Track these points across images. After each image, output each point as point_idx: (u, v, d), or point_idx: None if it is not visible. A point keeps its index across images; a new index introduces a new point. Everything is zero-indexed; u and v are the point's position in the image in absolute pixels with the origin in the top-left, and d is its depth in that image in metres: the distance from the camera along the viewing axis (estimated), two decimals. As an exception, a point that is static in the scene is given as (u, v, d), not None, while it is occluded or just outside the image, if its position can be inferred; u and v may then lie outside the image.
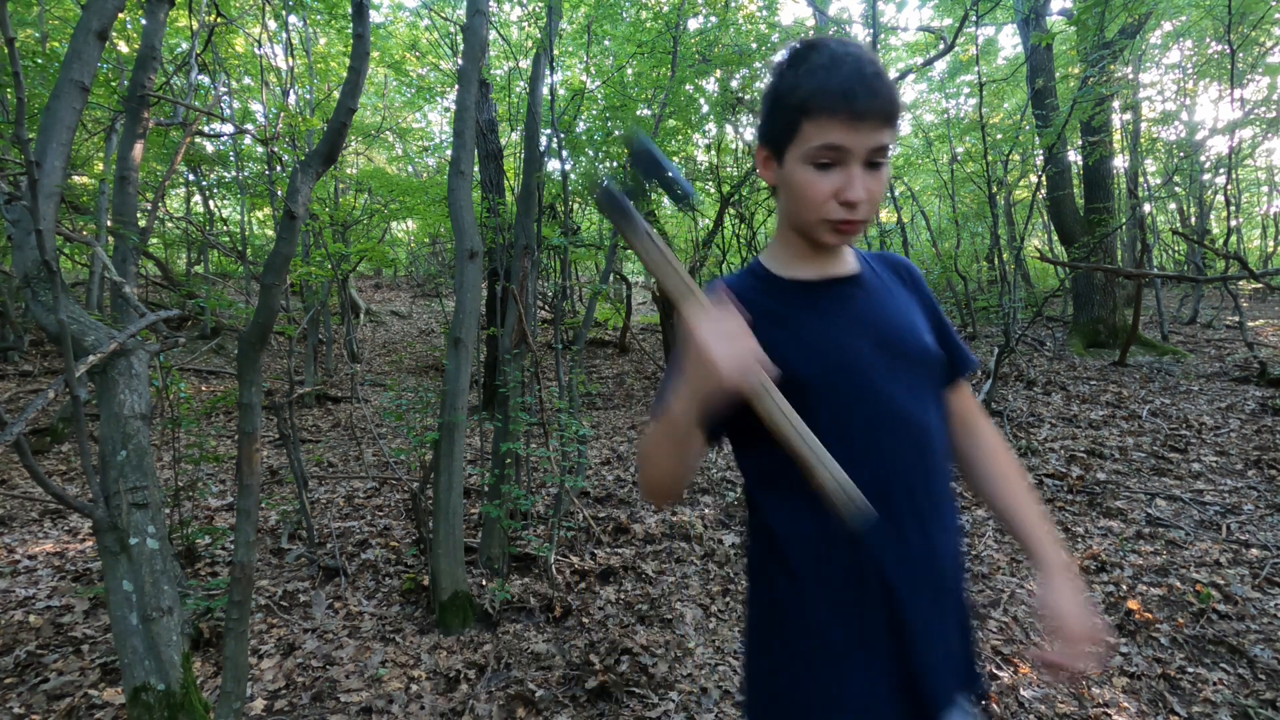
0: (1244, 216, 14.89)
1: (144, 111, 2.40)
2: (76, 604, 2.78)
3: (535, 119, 3.84)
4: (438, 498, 2.68)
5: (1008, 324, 6.04)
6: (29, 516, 4.01)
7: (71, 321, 1.73)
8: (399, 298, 14.53)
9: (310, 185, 1.62)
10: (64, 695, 2.18)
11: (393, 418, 4.59)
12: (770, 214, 8.85)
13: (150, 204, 4.33)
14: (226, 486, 4.57)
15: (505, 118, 7.51)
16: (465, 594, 2.67)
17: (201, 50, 5.17)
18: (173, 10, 4.75)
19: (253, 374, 1.66)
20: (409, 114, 12.70)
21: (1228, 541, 3.20)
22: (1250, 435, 4.48)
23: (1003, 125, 10.92)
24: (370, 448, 5.56)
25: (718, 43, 7.00)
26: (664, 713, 2.15)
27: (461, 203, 2.76)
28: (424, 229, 12.59)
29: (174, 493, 3.24)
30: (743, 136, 8.70)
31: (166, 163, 7.04)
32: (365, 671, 2.35)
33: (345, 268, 7.97)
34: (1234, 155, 9.43)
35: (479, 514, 3.60)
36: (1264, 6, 6.52)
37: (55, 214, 1.81)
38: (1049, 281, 13.26)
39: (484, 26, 3.14)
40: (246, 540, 1.64)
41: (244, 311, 5.60)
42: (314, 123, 6.74)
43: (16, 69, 1.38)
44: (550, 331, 10.87)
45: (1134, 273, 3.32)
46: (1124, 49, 6.11)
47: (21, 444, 1.57)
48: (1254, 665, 2.33)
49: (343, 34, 8.02)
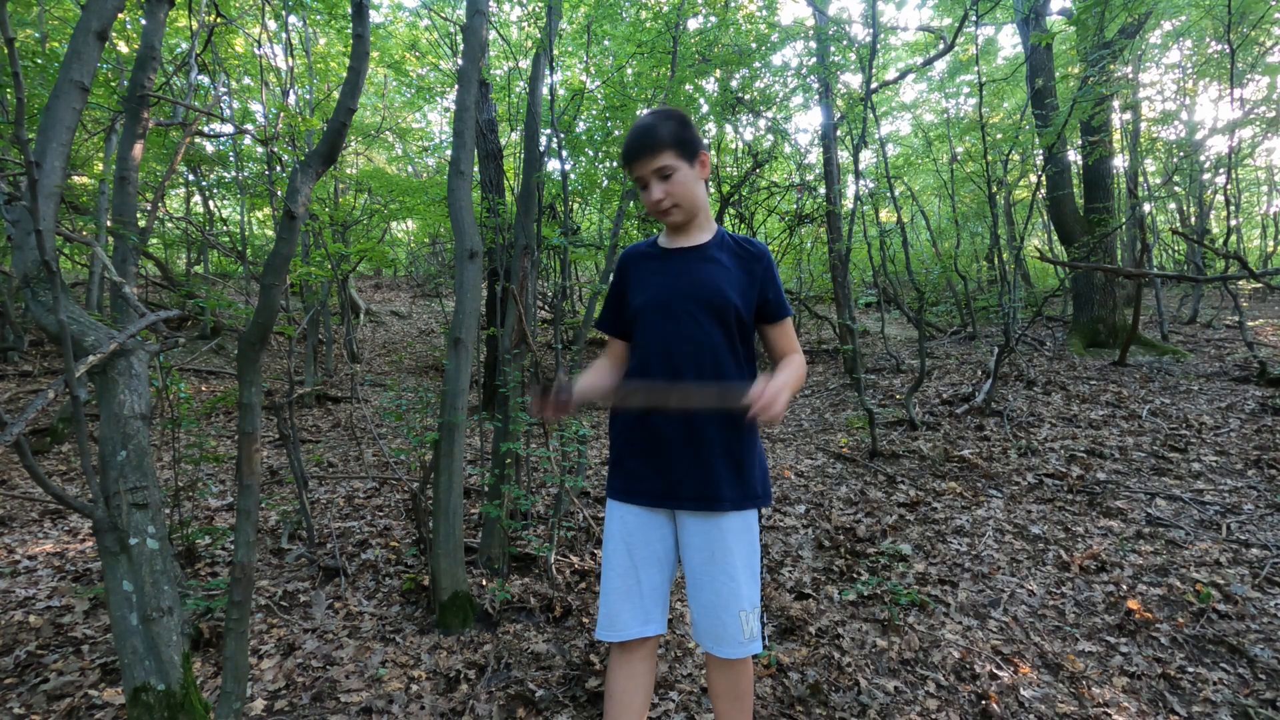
0: (1244, 216, 14.89)
1: (144, 111, 2.40)
2: (76, 604, 2.78)
3: (535, 119, 3.83)
4: (438, 498, 2.68)
5: (1008, 324, 6.04)
6: (29, 516, 4.01)
7: (71, 321, 1.73)
8: (399, 298, 14.53)
9: (310, 185, 1.62)
10: (64, 695, 2.18)
11: (393, 418, 4.59)
12: (770, 214, 8.86)
13: (150, 204, 4.33)
14: (226, 486, 4.57)
15: (505, 118, 7.52)
16: (465, 594, 2.67)
17: (201, 50, 5.17)
18: (173, 10, 4.76)
19: (253, 374, 1.66)
20: (409, 114, 12.70)
21: (1228, 541, 3.20)
22: (1250, 435, 4.48)
23: (1003, 125, 10.93)
24: (370, 448, 5.56)
25: (718, 43, 7.00)
26: (664, 713, 2.15)
27: (461, 203, 2.76)
28: (424, 229, 12.59)
29: (174, 493, 3.24)
30: (742, 136, 8.70)
31: (166, 163, 7.04)
32: (365, 671, 2.35)
33: (345, 268, 7.97)
34: (1234, 155, 9.44)
35: (479, 514, 3.60)
36: (1264, 6, 6.52)
37: (55, 214, 1.81)
38: (1049, 281, 13.27)
39: (484, 26, 3.14)
40: (246, 540, 1.64)
41: (244, 311, 5.60)
42: (314, 123, 6.74)
43: (16, 69, 1.38)
44: (550, 331, 10.86)
45: (1134, 273, 3.32)
46: (1124, 49, 6.11)
47: (21, 444, 1.57)
48: (1254, 665, 2.33)
49: (343, 34, 8.02)
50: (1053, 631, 2.60)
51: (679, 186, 1.46)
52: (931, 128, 12.73)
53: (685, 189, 1.47)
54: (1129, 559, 3.08)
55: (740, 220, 8.56)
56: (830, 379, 7.88)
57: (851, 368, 6.68)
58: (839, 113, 7.98)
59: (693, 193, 1.49)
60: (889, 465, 4.56)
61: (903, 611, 2.74)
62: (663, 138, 1.43)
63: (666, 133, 1.43)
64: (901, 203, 11.43)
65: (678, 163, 1.44)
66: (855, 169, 5.43)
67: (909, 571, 3.09)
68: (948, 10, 9.24)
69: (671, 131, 1.44)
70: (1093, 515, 3.59)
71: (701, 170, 1.51)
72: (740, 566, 1.50)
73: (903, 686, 2.27)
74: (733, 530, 1.50)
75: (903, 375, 7.35)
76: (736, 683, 1.59)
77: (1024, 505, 3.77)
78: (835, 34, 7.09)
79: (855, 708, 2.16)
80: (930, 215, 13.51)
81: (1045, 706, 2.14)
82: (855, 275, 12.73)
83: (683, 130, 1.45)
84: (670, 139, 1.43)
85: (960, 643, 2.51)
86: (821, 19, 7.37)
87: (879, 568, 3.17)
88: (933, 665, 2.39)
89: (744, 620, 1.51)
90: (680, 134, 1.44)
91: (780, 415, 1.33)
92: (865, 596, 2.87)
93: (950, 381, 6.47)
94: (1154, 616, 2.63)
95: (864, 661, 2.42)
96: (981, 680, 2.28)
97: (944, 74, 11.08)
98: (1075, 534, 3.38)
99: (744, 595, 1.50)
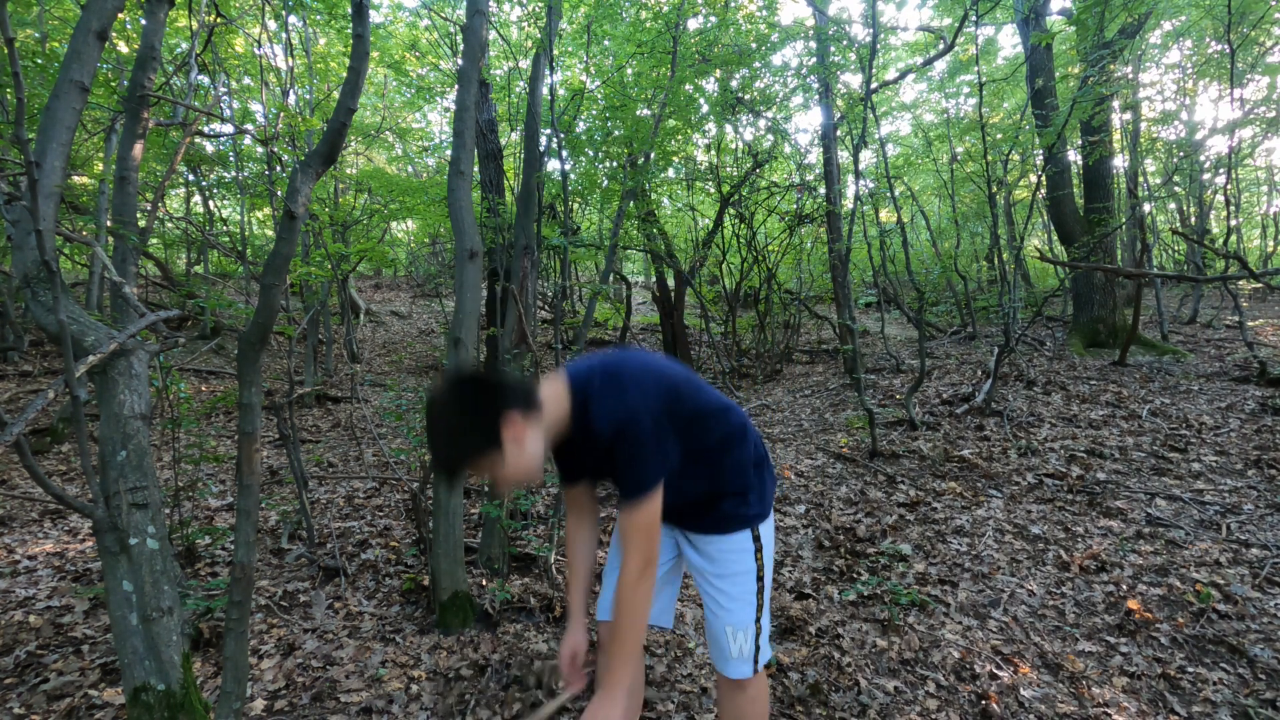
0: (1244, 216, 14.89)
1: (144, 111, 2.40)
2: (76, 604, 2.78)
3: (535, 119, 3.83)
4: (437, 498, 2.68)
5: (1008, 324, 6.04)
6: (29, 516, 4.01)
7: (71, 321, 1.73)
8: (399, 298, 14.53)
9: (310, 185, 1.62)
10: (64, 695, 2.18)
11: (393, 418, 4.59)
12: (770, 214, 8.86)
13: (150, 204, 4.33)
14: (226, 486, 4.57)
15: (505, 118, 7.52)
16: (465, 594, 2.67)
17: (201, 50, 5.17)
18: (173, 10, 4.76)
19: (253, 374, 1.66)
20: (409, 114, 12.70)
21: (1228, 541, 3.20)
22: (1250, 435, 4.48)
23: (1003, 125, 10.92)
24: (370, 448, 5.56)
25: (718, 43, 7.00)
26: (664, 713, 2.15)
27: (461, 203, 2.76)
28: (424, 229, 12.60)
29: (174, 493, 3.24)
30: (742, 136, 8.70)
31: (166, 163, 7.04)
32: (365, 671, 2.35)
33: (345, 268, 7.97)
34: (1234, 155, 9.44)
35: (479, 514, 3.60)
36: (1264, 6, 6.52)
37: (55, 214, 1.81)
38: (1049, 281, 13.27)
39: (484, 26, 3.14)
40: (246, 540, 1.64)
41: (244, 311, 5.60)
42: (314, 123, 6.74)
43: (16, 69, 1.38)
44: (550, 331, 10.87)
45: (1134, 273, 3.32)
46: (1124, 49, 6.11)
47: (21, 444, 1.57)
48: (1254, 665, 2.33)
49: (343, 34, 8.02)
50: (1053, 631, 2.60)
51: (509, 469, 1.26)
52: (931, 128, 12.72)
53: (515, 464, 1.26)
54: (1129, 559, 3.08)
55: (740, 220, 8.55)
56: (830, 379, 7.89)
57: (851, 368, 6.68)
58: (839, 113, 7.98)
59: (523, 460, 1.27)
60: (889, 465, 4.56)
61: (903, 611, 2.74)
62: (458, 461, 1.26)
63: (459, 455, 1.25)
64: (901, 203, 11.43)
65: (488, 459, 1.24)
66: (855, 169, 5.43)
67: (909, 571, 3.09)
68: (948, 10, 9.24)
69: (462, 451, 1.24)
70: (1093, 515, 3.59)
71: (516, 430, 1.25)
72: (728, 584, 1.55)
73: (903, 686, 2.27)
74: (724, 549, 1.55)
75: (903, 375, 7.35)
76: (737, 706, 1.59)
77: (1024, 505, 3.77)
78: (835, 34, 7.09)
79: (855, 708, 2.16)
80: (930, 215, 13.51)
81: (1045, 706, 2.14)
82: (855, 275, 12.74)
83: (468, 437, 1.23)
84: (466, 456, 1.25)
85: (960, 643, 2.51)
86: (821, 19, 7.37)
87: (879, 568, 3.17)
88: (933, 665, 2.38)
89: (730, 636, 1.54)
90: (467, 445, 1.23)
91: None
92: (865, 596, 2.87)
93: (950, 381, 6.47)
94: (1154, 616, 2.63)
95: (864, 661, 2.42)
96: (981, 680, 2.28)
97: (944, 74, 11.08)
98: (1075, 534, 3.38)
99: (731, 611, 1.54)
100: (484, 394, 1.24)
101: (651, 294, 10.68)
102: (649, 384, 1.37)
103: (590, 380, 1.37)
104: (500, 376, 1.28)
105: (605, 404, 1.32)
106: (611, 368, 1.39)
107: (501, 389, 1.25)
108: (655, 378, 1.40)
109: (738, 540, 1.54)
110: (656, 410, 1.35)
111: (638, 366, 1.40)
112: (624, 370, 1.38)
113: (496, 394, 1.24)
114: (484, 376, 1.26)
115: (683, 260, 9.31)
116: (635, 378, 1.37)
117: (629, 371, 1.38)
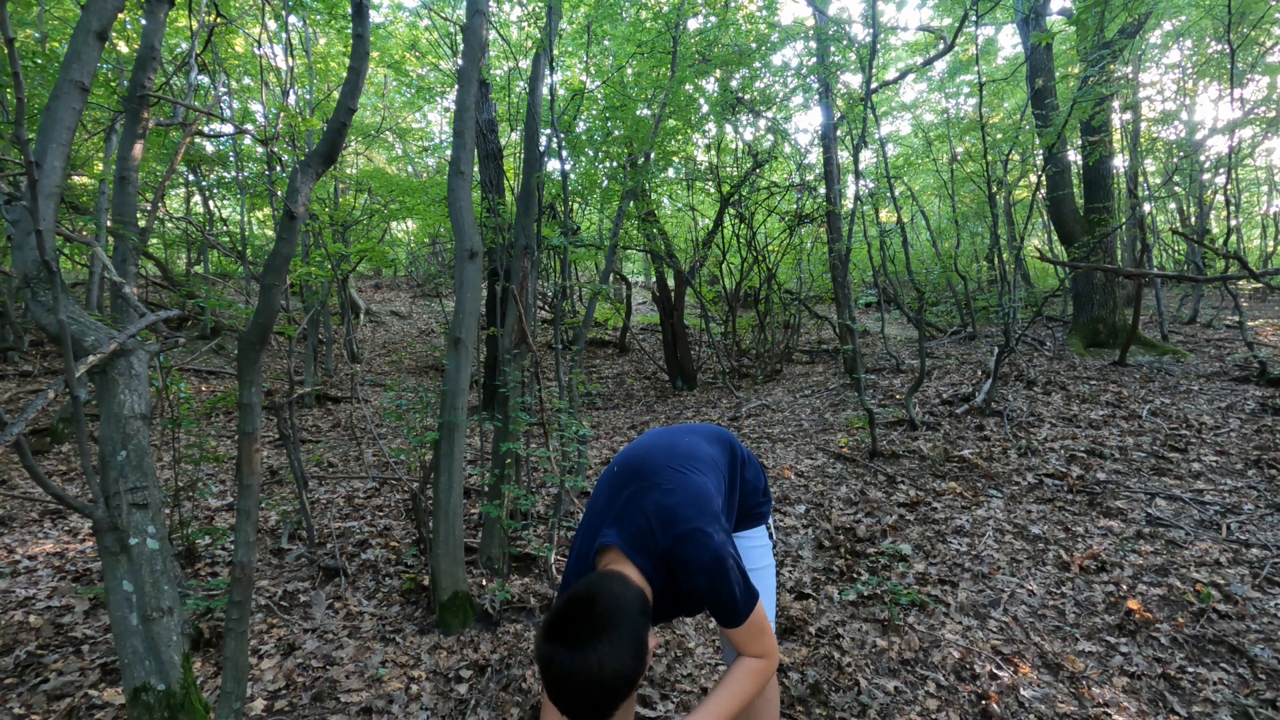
0: (1244, 216, 14.89)
1: (144, 111, 2.40)
2: (76, 604, 2.78)
3: (535, 119, 3.83)
4: (438, 498, 2.68)
5: (1008, 324, 6.04)
6: (29, 516, 4.01)
7: (71, 322, 1.73)
8: (399, 298, 14.53)
9: (310, 185, 1.62)
10: (64, 695, 2.18)
11: (393, 418, 4.59)
12: (770, 214, 8.86)
13: (150, 204, 4.32)
14: (226, 486, 4.57)
15: (505, 118, 7.51)
16: (465, 594, 2.67)
17: (201, 50, 5.17)
18: (173, 10, 4.75)
19: (253, 374, 1.66)
20: (409, 114, 12.70)
21: (1228, 541, 3.20)
22: (1250, 435, 4.48)
23: (1003, 125, 10.92)
24: (370, 448, 5.56)
25: (718, 43, 7.00)
26: (664, 713, 2.15)
27: (461, 203, 2.76)
28: (424, 229, 12.59)
29: (174, 493, 3.24)
30: (742, 136, 8.70)
31: (166, 163, 7.04)
32: (365, 672, 2.35)
33: (345, 268, 7.97)
34: (1234, 155, 9.44)
35: (479, 514, 3.59)
36: (1264, 6, 6.52)
37: (55, 214, 1.81)
38: (1049, 281, 13.27)
39: (484, 26, 3.14)
40: (246, 540, 1.64)
41: (244, 311, 5.60)
42: (314, 123, 6.74)
43: (16, 69, 1.38)
44: (550, 331, 10.87)
45: (1134, 272, 3.32)
46: (1124, 49, 6.11)
47: (21, 444, 1.57)
48: (1254, 665, 2.33)
49: (343, 34, 8.02)
50: (1053, 631, 2.60)
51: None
52: (931, 128, 12.72)
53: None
54: (1129, 559, 3.08)
55: (740, 220, 8.55)
56: (830, 379, 7.88)
57: (851, 368, 6.68)
58: (839, 113, 7.97)
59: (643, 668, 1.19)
60: (889, 465, 4.56)
61: (903, 611, 2.74)
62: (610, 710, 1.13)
63: (612, 703, 1.12)
64: (901, 203, 11.43)
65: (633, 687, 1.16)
66: (855, 169, 5.43)
67: (909, 571, 3.09)
68: (948, 10, 9.23)
69: (616, 697, 1.12)
70: (1093, 515, 3.59)
71: (652, 645, 1.21)
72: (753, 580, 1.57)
73: (903, 686, 2.27)
74: (747, 546, 1.64)
75: (903, 375, 7.35)
76: (753, 704, 1.52)
77: (1024, 505, 3.77)
78: (835, 34, 7.08)
79: (855, 708, 2.16)
80: (930, 215, 13.51)
81: (1045, 706, 2.14)
82: (855, 275, 12.74)
83: (624, 682, 1.11)
84: (620, 698, 1.13)
85: (960, 643, 2.51)
86: (821, 19, 7.37)
87: (879, 568, 3.17)
88: (933, 665, 2.38)
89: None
90: (623, 688, 1.11)
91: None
92: (865, 596, 2.87)
93: (950, 381, 6.47)
94: (1154, 616, 2.63)
95: (864, 661, 2.42)
96: (981, 680, 2.28)
97: (944, 74, 11.07)
98: (1075, 534, 3.38)
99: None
100: (628, 634, 1.12)
101: (651, 294, 10.68)
102: (709, 515, 1.33)
103: (650, 538, 1.31)
104: (626, 599, 1.17)
105: (690, 569, 1.28)
106: (666, 515, 1.32)
107: (638, 614, 1.16)
108: (703, 504, 1.35)
109: (757, 536, 1.65)
110: (725, 530, 1.34)
111: (689, 504, 1.34)
112: (679, 514, 1.32)
113: (640, 621, 1.15)
114: (615, 608, 1.14)
115: (683, 260, 9.31)
116: (690, 518, 1.31)
117: (684, 514, 1.32)
